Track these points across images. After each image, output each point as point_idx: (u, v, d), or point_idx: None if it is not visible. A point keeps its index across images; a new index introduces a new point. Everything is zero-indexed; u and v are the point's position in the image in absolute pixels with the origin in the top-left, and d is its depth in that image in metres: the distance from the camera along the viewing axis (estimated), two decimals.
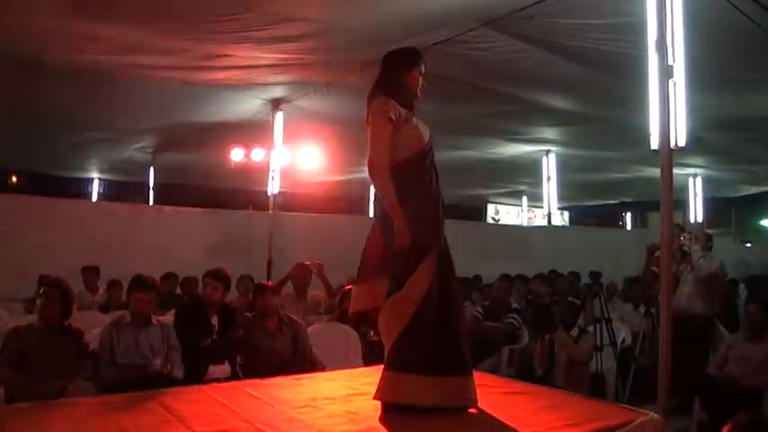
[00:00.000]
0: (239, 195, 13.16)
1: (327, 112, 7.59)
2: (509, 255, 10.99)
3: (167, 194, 11.48)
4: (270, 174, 8.16)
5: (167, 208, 9.63)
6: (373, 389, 2.87)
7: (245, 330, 4.56)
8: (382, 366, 2.92)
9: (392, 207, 2.84)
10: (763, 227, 20.10)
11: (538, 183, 11.19)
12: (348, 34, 5.15)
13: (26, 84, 6.45)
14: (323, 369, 4.41)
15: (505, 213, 18.57)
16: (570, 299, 6.62)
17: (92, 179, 13.10)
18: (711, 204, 13.31)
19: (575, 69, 5.79)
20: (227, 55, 5.68)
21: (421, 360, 2.80)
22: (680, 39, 3.57)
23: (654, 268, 5.39)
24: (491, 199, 17.39)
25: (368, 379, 3.24)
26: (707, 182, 12.25)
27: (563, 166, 10.50)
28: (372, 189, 3.12)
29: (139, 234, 8.53)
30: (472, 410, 2.88)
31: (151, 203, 11.13)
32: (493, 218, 18.28)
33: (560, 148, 10.00)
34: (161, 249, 8.29)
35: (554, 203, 11.02)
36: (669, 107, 3.45)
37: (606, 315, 5.62)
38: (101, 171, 12.63)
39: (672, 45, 3.52)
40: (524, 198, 15.97)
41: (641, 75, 3.72)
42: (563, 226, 18.10)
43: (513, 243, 12.01)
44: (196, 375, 4.12)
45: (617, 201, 17.19)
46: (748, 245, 17.54)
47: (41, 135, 8.77)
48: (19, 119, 7.90)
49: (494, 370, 5.48)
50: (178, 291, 7.12)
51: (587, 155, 10.36)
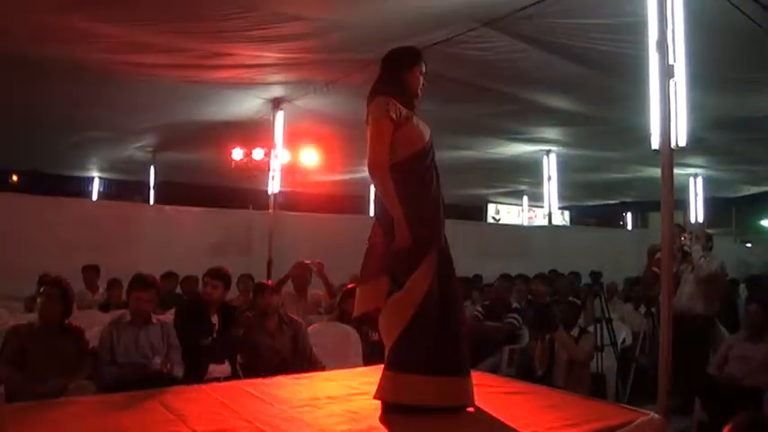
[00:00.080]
0: (240, 194, 13.15)
1: (328, 112, 7.59)
2: (509, 254, 11.00)
3: (168, 193, 11.47)
4: (270, 173, 8.17)
5: (167, 207, 9.62)
6: (373, 388, 2.86)
7: (245, 329, 4.56)
8: (382, 366, 2.91)
9: (392, 206, 2.83)
10: (763, 227, 20.09)
11: (538, 182, 11.20)
12: (348, 34, 5.15)
13: (26, 83, 6.45)
14: (323, 368, 4.40)
15: (506, 213, 18.58)
16: (571, 299, 6.61)
17: (92, 178, 13.12)
18: (712, 204, 13.31)
19: (575, 69, 5.79)
20: (227, 54, 5.68)
21: (421, 360, 2.79)
22: (680, 38, 3.57)
23: (655, 269, 5.39)
24: (491, 199, 17.40)
25: (368, 378, 3.23)
26: (707, 182, 12.26)
27: (563, 166, 10.50)
28: (373, 188, 3.11)
29: (140, 233, 8.54)
30: (472, 410, 2.88)
31: (151, 202, 11.15)
32: (493, 217, 18.28)
33: (561, 148, 10.00)
34: (161, 248, 8.30)
35: (554, 203, 11.03)
36: (670, 107, 3.45)
37: (607, 315, 5.62)
38: (101, 170, 12.65)
39: (672, 45, 3.52)
40: (525, 198, 15.97)
41: (642, 75, 3.72)
42: (563, 226, 18.08)
43: (514, 243, 12.01)
44: (196, 374, 4.11)
45: (617, 201, 17.20)
46: (748, 245, 17.55)
47: (42, 134, 8.78)
48: (19, 118, 7.90)
49: (494, 370, 5.47)
50: (178, 290, 7.12)
51: (588, 155, 10.36)
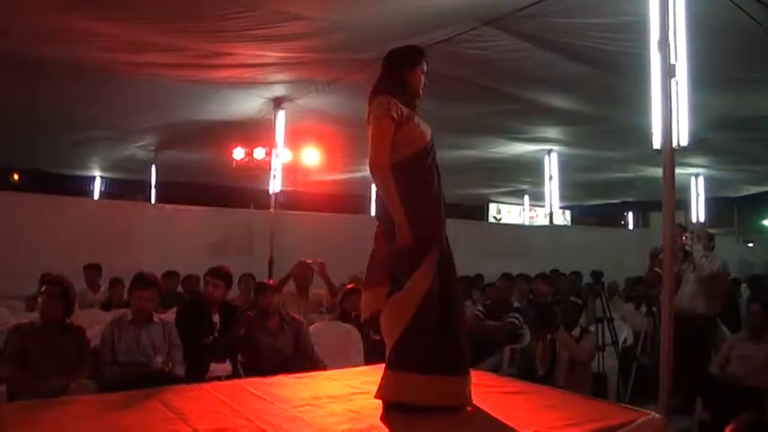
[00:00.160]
0: (241, 194, 13.15)
1: (329, 111, 7.59)
2: (511, 254, 10.99)
3: (169, 193, 11.46)
4: (271, 172, 8.17)
5: (169, 206, 9.60)
6: (374, 388, 2.86)
7: (246, 328, 4.56)
8: (384, 365, 2.91)
9: (393, 206, 2.83)
10: (765, 227, 20.07)
11: (540, 182, 11.20)
12: (350, 33, 5.15)
13: (27, 82, 6.45)
14: (324, 368, 4.39)
15: (507, 213, 18.56)
16: (572, 298, 6.57)
17: (93, 177, 13.11)
18: (713, 204, 13.30)
19: (576, 68, 5.79)
20: (229, 53, 5.68)
21: (422, 359, 2.79)
22: (682, 38, 3.56)
23: (657, 269, 5.39)
24: (493, 198, 17.39)
25: (369, 378, 3.23)
26: (709, 182, 12.25)
27: (565, 166, 10.49)
28: (374, 187, 3.11)
29: (141, 232, 8.54)
30: (473, 409, 2.88)
31: (153, 201, 11.14)
32: (495, 217, 18.27)
33: (562, 148, 10.00)
34: (163, 247, 8.30)
35: (556, 203, 11.03)
36: (671, 106, 3.44)
37: (608, 315, 5.61)
38: (102, 169, 12.65)
39: (674, 44, 3.51)
40: (526, 197, 15.97)
41: (643, 74, 3.71)
42: (565, 225, 18.07)
43: (515, 242, 12.00)
44: (197, 373, 4.12)
45: (619, 200, 17.18)
46: (750, 245, 17.55)
47: (43, 133, 8.78)
48: (20, 117, 7.91)
49: (495, 369, 5.47)
50: (179, 289, 7.12)
51: (589, 154, 10.35)
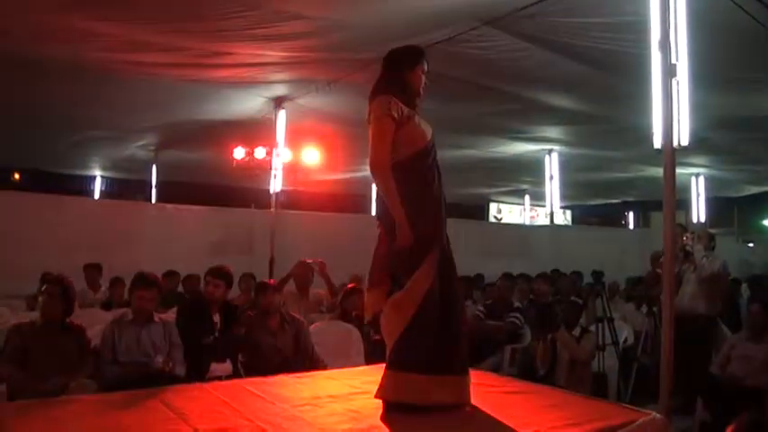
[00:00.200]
0: (241, 193, 13.15)
1: (330, 111, 7.59)
2: (511, 254, 10.99)
3: (170, 192, 11.46)
4: (272, 172, 8.17)
5: (169, 206, 9.60)
6: (375, 387, 2.86)
7: (246, 328, 4.56)
8: (384, 365, 2.91)
9: (393, 205, 2.82)
10: (765, 227, 20.05)
11: (540, 182, 11.20)
12: (351, 33, 5.15)
13: (27, 82, 6.45)
14: (324, 367, 4.39)
15: (508, 212, 18.56)
16: (572, 298, 6.59)
17: (94, 177, 13.12)
18: (714, 204, 13.30)
19: (577, 68, 5.79)
20: (229, 53, 5.68)
21: (423, 359, 2.79)
22: (683, 37, 3.56)
23: (657, 270, 5.39)
24: (493, 198, 17.39)
25: (369, 378, 3.23)
26: (710, 181, 12.25)
27: (565, 165, 10.49)
28: (374, 187, 3.10)
29: (142, 232, 8.54)
30: (473, 409, 2.87)
31: (153, 201, 11.15)
32: (495, 217, 18.26)
33: (563, 147, 9.99)
34: (163, 247, 8.30)
35: (556, 202, 11.03)
36: (672, 106, 3.43)
37: (608, 314, 5.61)
38: (103, 168, 12.66)
39: (675, 44, 3.51)
40: (527, 197, 15.97)
41: (644, 74, 3.71)
42: (565, 225, 18.06)
43: (516, 242, 12.00)
44: (198, 373, 4.12)
45: (619, 200, 17.19)
46: (751, 245, 17.53)
47: (43, 133, 8.78)
48: (21, 117, 7.91)
49: (496, 369, 5.47)
50: (180, 288, 7.12)
51: (590, 154, 10.35)
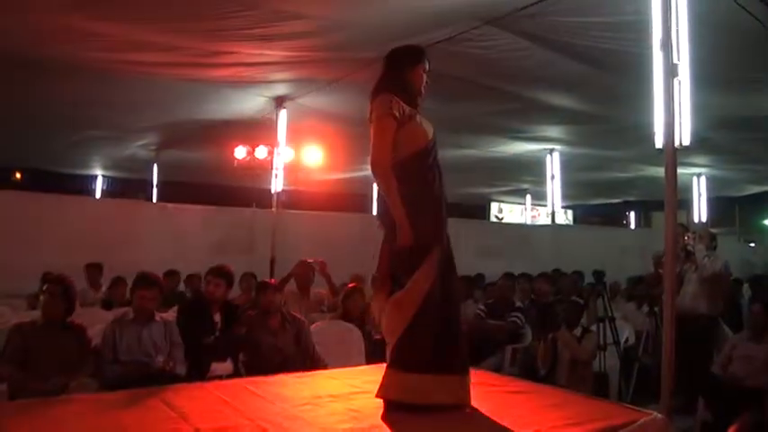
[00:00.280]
0: (243, 193, 13.12)
1: (331, 110, 7.59)
2: (512, 253, 10.98)
3: (171, 192, 11.47)
4: (273, 171, 8.17)
5: (170, 205, 9.59)
6: (376, 387, 2.86)
7: (247, 328, 4.56)
8: (385, 364, 2.91)
9: (394, 205, 2.82)
10: (766, 226, 20.02)
11: (541, 181, 11.20)
12: (352, 32, 5.15)
13: (28, 82, 6.46)
14: (325, 367, 4.39)
15: (509, 212, 18.55)
16: (573, 298, 6.58)
17: (95, 176, 13.14)
18: (715, 204, 13.29)
19: (578, 68, 5.79)
20: (230, 52, 5.68)
21: (423, 359, 2.79)
22: (685, 37, 3.56)
23: (660, 270, 5.39)
24: (494, 197, 17.39)
25: (370, 377, 3.22)
26: (711, 181, 12.25)
27: (567, 165, 10.49)
28: (376, 187, 3.10)
29: (143, 231, 8.54)
30: (474, 409, 2.87)
31: (155, 201, 11.16)
32: (496, 216, 18.25)
33: (564, 147, 9.99)
34: (164, 246, 8.30)
35: (558, 202, 11.03)
36: (673, 106, 3.43)
37: (609, 314, 5.59)
38: (104, 168, 12.69)
39: (677, 43, 3.50)
40: (528, 196, 15.97)
41: (645, 73, 3.71)
42: (567, 225, 18.06)
43: (517, 242, 11.97)
44: (198, 372, 4.12)
45: (621, 200, 17.19)
46: (752, 244, 17.50)
47: (44, 133, 8.79)
48: (22, 116, 7.92)
49: (497, 368, 5.47)
50: (181, 288, 7.13)
51: (591, 153, 10.35)
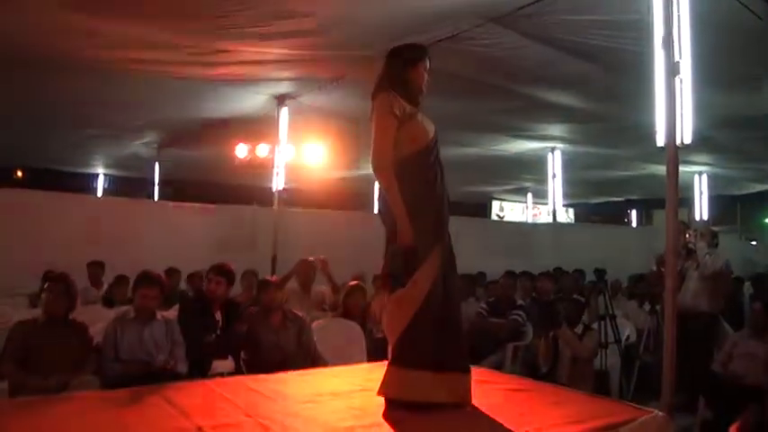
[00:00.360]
0: (244, 191, 13.13)
1: (332, 108, 7.59)
2: (513, 252, 10.95)
3: (172, 190, 11.48)
4: (275, 169, 8.17)
5: (172, 203, 9.61)
6: (377, 385, 2.86)
7: (248, 326, 4.56)
8: (386, 362, 2.91)
9: (395, 204, 2.82)
10: None
11: (543, 179, 11.19)
12: (354, 30, 5.14)
13: (30, 80, 6.46)
14: (326, 365, 4.39)
15: (510, 210, 18.56)
16: (575, 296, 6.59)
17: (97, 174, 13.15)
18: (717, 202, 13.29)
19: (579, 66, 5.78)
20: (232, 50, 5.67)
21: (424, 357, 2.79)
22: (686, 35, 3.56)
23: (662, 269, 5.38)
24: (496, 196, 17.39)
25: (372, 375, 3.23)
26: (712, 179, 12.24)
27: (568, 163, 10.49)
28: (377, 185, 3.10)
29: (144, 229, 8.52)
30: (475, 406, 2.87)
31: (156, 199, 11.16)
32: (497, 214, 18.26)
33: (566, 145, 9.99)
34: (166, 245, 8.29)
35: (559, 200, 11.03)
36: (675, 104, 3.43)
37: (611, 312, 5.61)
38: (106, 166, 12.69)
39: (678, 42, 3.50)
40: (529, 195, 15.96)
41: (646, 72, 3.71)
42: (568, 223, 18.05)
43: (518, 240, 11.95)
44: (200, 370, 4.13)
45: (622, 198, 17.17)
46: (753, 242, 17.47)
47: (46, 131, 8.79)
48: (23, 115, 7.93)
49: (498, 366, 5.47)
50: (181, 286, 7.13)
51: (593, 152, 10.34)
